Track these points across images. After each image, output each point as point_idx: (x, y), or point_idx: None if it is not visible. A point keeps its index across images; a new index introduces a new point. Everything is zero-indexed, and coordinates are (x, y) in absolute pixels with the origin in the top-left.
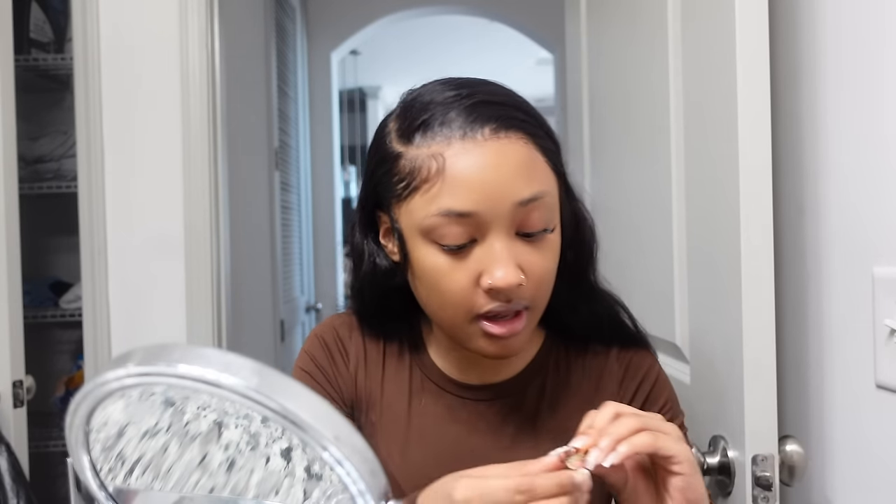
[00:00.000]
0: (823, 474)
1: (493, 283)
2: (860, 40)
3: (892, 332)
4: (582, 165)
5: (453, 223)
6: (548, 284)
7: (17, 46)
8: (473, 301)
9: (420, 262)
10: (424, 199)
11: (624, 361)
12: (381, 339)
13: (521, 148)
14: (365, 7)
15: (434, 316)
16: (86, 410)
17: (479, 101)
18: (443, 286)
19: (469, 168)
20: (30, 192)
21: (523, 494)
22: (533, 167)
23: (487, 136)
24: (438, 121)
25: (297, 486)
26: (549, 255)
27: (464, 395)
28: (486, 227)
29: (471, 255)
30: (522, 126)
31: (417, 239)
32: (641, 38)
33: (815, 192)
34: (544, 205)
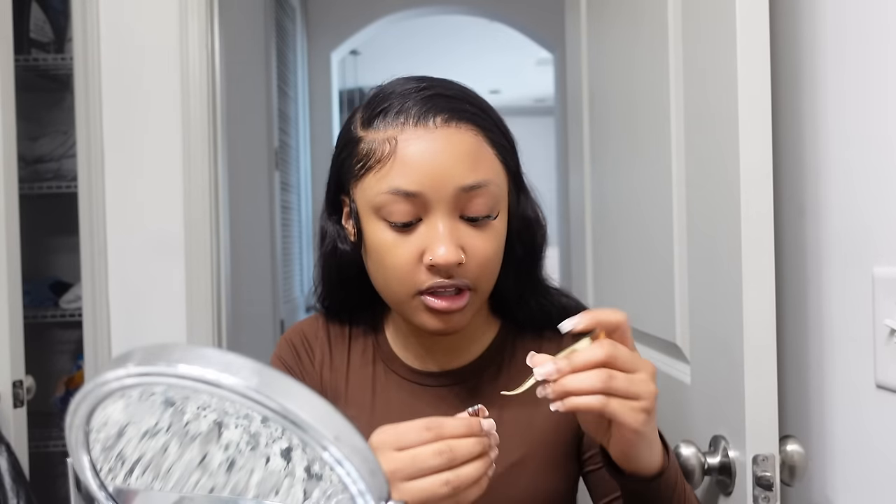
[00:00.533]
0: (824, 474)
1: (433, 259)
2: (861, 39)
3: (892, 332)
4: (582, 165)
5: (401, 201)
6: (491, 267)
7: (17, 46)
8: (416, 276)
9: (370, 238)
10: (376, 178)
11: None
12: (347, 335)
13: (470, 138)
14: (365, 7)
15: (382, 292)
16: (86, 410)
17: (434, 94)
18: (388, 261)
19: (418, 152)
20: (30, 192)
21: (432, 431)
22: (479, 156)
23: (439, 124)
24: (396, 109)
25: (297, 486)
26: (491, 240)
27: (423, 383)
28: (431, 207)
29: (416, 232)
30: (473, 119)
31: (369, 216)
32: (642, 38)
33: (815, 191)
34: (488, 192)
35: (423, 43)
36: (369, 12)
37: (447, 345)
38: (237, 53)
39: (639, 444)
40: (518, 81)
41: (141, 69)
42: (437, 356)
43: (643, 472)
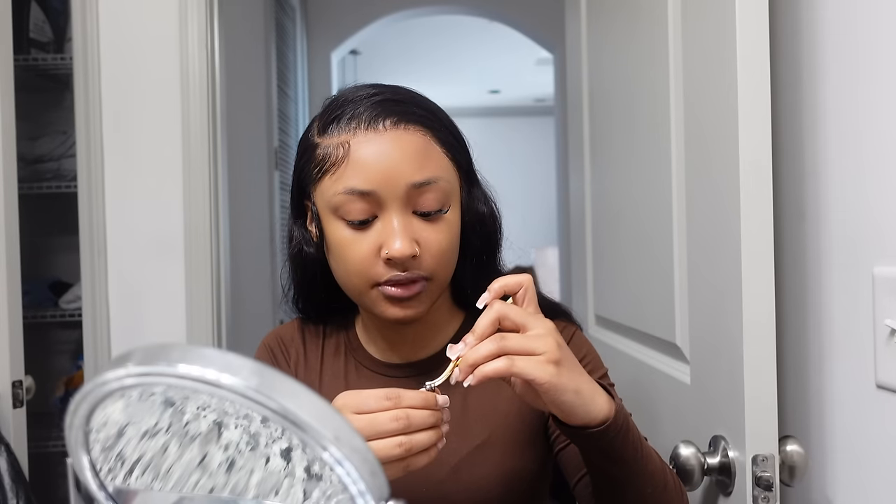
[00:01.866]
0: (824, 474)
1: (389, 253)
2: (861, 40)
3: (892, 332)
4: (582, 165)
5: (356, 200)
6: (447, 258)
7: (17, 46)
8: (374, 270)
9: (330, 237)
10: (332, 180)
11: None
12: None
13: (419, 139)
14: (365, 7)
15: (344, 286)
16: (85, 410)
17: (384, 99)
18: (348, 256)
19: (369, 153)
20: (30, 192)
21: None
22: (427, 155)
23: (388, 126)
24: (349, 115)
25: (297, 487)
26: (445, 232)
27: (391, 374)
28: (385, 204)
29: (372, 229)
30: (421, 120)
31: (328, 216)
32: (642, 38)
33: (815, 191)
34: (438, 188)
35: (422, 43)
36: (369, 12)
37: (412, 336)
38: (237, 53)
39: (566, 397)
40: (518, 81)
41: (141, 69)
42: (402, 348)
43: (590, 423)
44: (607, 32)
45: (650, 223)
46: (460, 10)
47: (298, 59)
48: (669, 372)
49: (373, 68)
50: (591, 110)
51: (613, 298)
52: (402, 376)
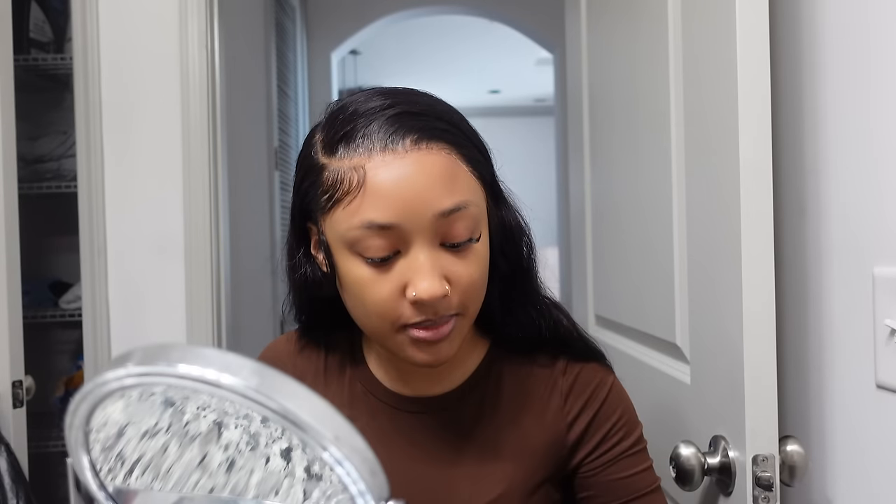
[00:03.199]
0: (824, 474)
1: (417, 294)
2: (861, 39)
3: (892, 332)
4: (582, 165)
5: (375, 235)
6: (477, 292)
7: (17, 46)
8: (399, 312)
9: (346, 274)
10: (347, 212)
11: (571, 375)
12: (323, 352)
13: (443, 158)
14: (365, 7)
15: (362, 327)
16: (85, 410)
17: (401, 112)
18: (367, 298)
19: (389, 180)
20: (30, 192)
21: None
22: (454, 177)
23: (408, 147)
24: (360, 132)
25: (297, 486)
26: (475, 264)
27: (403, 408)
28: (409, 238)
29: (395, 266)
30: (444, 136)
31: (342, 251)
32: (642, 38)
33: (815, 191)
34: (468, 214)
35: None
36: (369, 12)
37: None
38: (237, 54)
39: None
40: (518, 81)
41: (141, 69)
42: (418, 380)
43: None
44: (607, 32)
45: (650, 223)
46: (460, 11)
47: (298, 59)
48: (669, 372)
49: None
50: (591, 110)
51: (613, 298)
52: (416, 412)
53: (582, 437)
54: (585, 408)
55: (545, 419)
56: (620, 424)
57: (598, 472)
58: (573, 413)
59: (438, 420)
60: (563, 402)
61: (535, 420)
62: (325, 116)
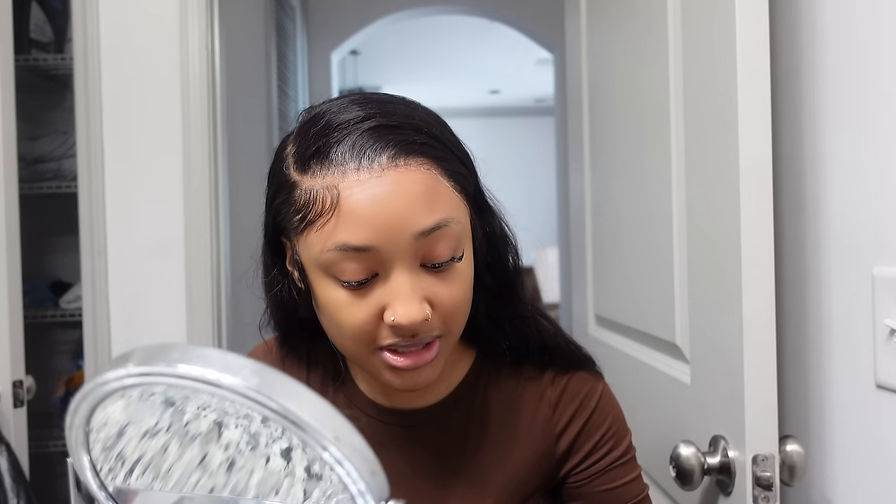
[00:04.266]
0: (824, 474)
1: (396, 319)
2: (861, 39)
3: (892, 332)
4: (582, 165)
5: (350, 259)
6: (461, 313)
7: (18, 46)
8: (376, 333)
9: (321, 297)
10: (320, 234)
11: (559, 385)
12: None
13: (422, 175)
14: (365, 7)
15: (339, 348)
16: (86, 410)
17: (376, 126)
18: (343, 321)
19: (364, 201)
20: (30, 192)
21: None
22: (435, 195)
23: (385, 164)
24: (333, 148)
25: (297, 486)
26: (458, 284)
27: (388, 420)
28: (387, 260)
29: (373, 290)
30: (423, 151)
31: (317, 273)
32: (641, 38)
33: (815, 191)
34: (449, 233)
35: (422, 43)
36: (369, 12)
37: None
38: (237, 53)
39: None
40: (518, 81)
41: (141, 69)
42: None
43: None
44: (607, 32)
45: (650, 223)
46: (460, 10)
47: (298, 59)
48: (669, 372)
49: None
50: (591, 110)
51: (613, 298)
52: (405, 424)
53: (571, 448)
54: (574, 418)
55: (534, 430)
56: (609, 435)
57: (587, 482)
58: (562, 424)
59: (425, 432)
60: (552, 412)
61: (523, 431)
62: (297, 127)
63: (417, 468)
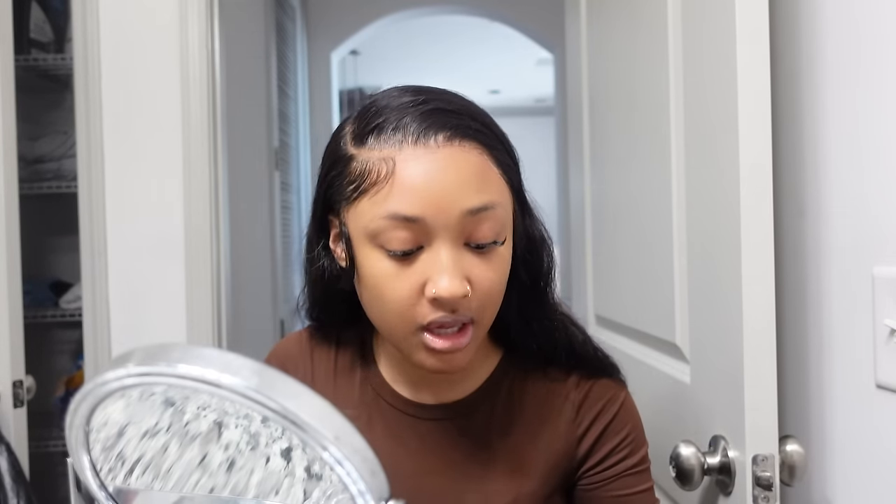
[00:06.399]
0: (824, 474)
1: (437, 292)
2: (860, 39)
3: (892, 332)
4: (582, 165)
5: (399, 228)
6: (495, 299)
7: (18, 46)
8: (416, 311)
9: (365, 268)
10: (372, 202)
11: (584, 388)
12: (334, 353)
13: (475, 157)
14: (365, 7)
15: (377, 325)
16: (86, 410)
17: (434, 108)
18: (386, 293)
19: (418, 173)
20: (30, 192)
21: None
22: (485, 177)
23: (441, 142)
24: (392, 125)
25: (297, 486)
26: (497, 268)
27: (413, 414)
28: (434, 234)
29: (416, 262)
30: (477, 136)
31: (364, 243)
32: (642, 38)
33: (815, 191)
34: (495, 216)
35: (423, 43)
36: (369, 12)
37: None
38: (237, 53)
39: None
40: (518, 81)
41: (141, 69)
42: (431, 386)
43: None
44: (607, 32)
45: (650, 223)
46: (460, 10)
47: (298, 59)
48: (669, 372)
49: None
50: (591, 110)
51: (613, 298)
52: (427, 418)
53: (590, 451)
54: (596, 421)
55: (556, 431)
56: (628, 441)
57: (600, 486)
58: (584, 426)
59: (448, 427)
60: (575, 414)
61: (546, 431)
62: (357, 110)
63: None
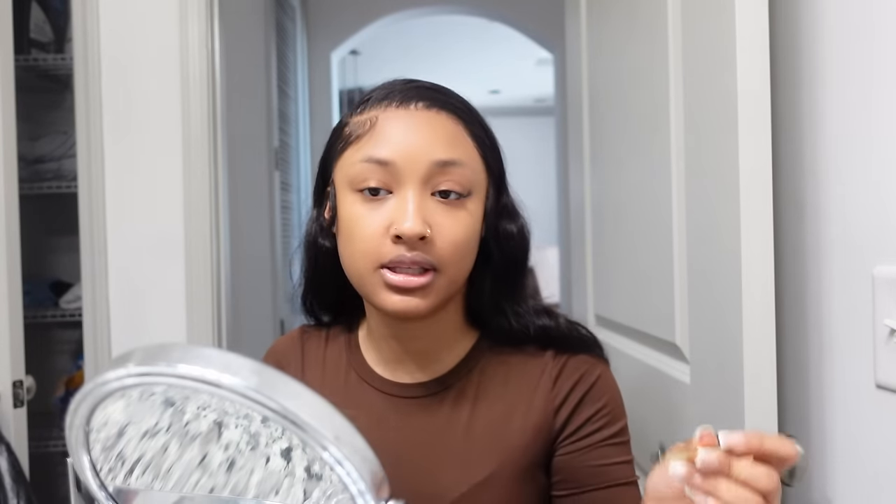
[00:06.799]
0: (824, 474)
1: (398, 229)
2: (860, 39)
3: (892, 332)
4: (582, 165)
5: (374, 170)
6: (460, 251)
7: (18, 46)
8: (380, 249)
9: (343, 215)
10: (354, 150)
11: (560, 361)
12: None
13: (450, 124)
14: (365, 7)
15: (348, 270)
16: (86, 410)
17: (421, 85)
18: (356, 232)
19: (395, 127)
20: (30, 192)
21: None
22: (456, 139)
23: (420, 108)
24: (381, 95)
25: (297, 486)
26: (461, 221)
27: (393, 393)
28: (403, 180)
29: (385, 206)
30: (456, 111)
31: (345, 191)
32: (641, 38)
33: (815, 191)
34: (462, 172)
35: (423, 43)
36: (369, 12)
37: (417, 349)
38: (237, 53)
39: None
40: (518, 81)
41: (141, 69)
42: (408, 365)
43: None
44: (607, 32)
45: (650, 223)
46: (460, 10)
47: (298, 59)
48: (669, 372)
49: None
50: (591, 110)
51: (613, 298)
52: (406, 396)
53: (567, 420)
54: (573, 391)
55: (534, 403)
56: (605, 412)
57: (577, 455)
58: (561, 397)
59: (427, 404)
60: (552, 385)
61: (523, 404)
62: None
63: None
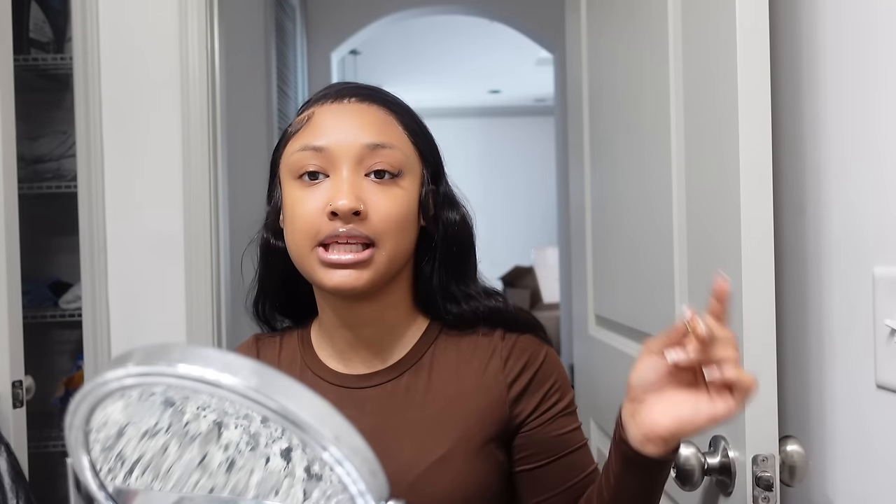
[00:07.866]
0: (824, 474)
1: (333, 205)
2: (861, 39)
3: (892, 332)
4: (582, 165)
5: (311, 157)
6: (395, 225)
7: (17, 46)
8: (318, 228)
9: (286, 202)
10: (293, 143)
11: (510, 341)
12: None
13: (381, 115)
14: (365, 7)
15: (292, 254)
16: (85, 410)
17: (355, 85)
18: (296, 215)
19: (328, 117)
20: (30, 192)
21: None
22: (386, 126)
23: (353, 102)
24: (319, 95)
25: (297, 486)
26: (395, 199)
27: (348, 385)
28: (337, 163)
29: (322, 187)
30: (387, 105)
31: (288, 181)
32: (642, 38)
33: (815, 191)
34: (392, 154)
35: (423, 43)
36: (369, 12)
37: (368, 338)
38: (237, 53)
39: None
40: (518, 81)
41: (141, 69)
42: (361, 353)
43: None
44: (607, 32)
45: (650, 223)
46: (460, 10)
47: (298, 59)
48: None
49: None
50: (591, 110)
51: (613, 298)
52: (361, 387)
53: (521, 397)
54: (524, 370)
55: (486, 381)
56: (557, 387)
57: (540, 428)
58: (512, 374)
59: (382, 392)
60: (503, 364)
61: (475, 382)
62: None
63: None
